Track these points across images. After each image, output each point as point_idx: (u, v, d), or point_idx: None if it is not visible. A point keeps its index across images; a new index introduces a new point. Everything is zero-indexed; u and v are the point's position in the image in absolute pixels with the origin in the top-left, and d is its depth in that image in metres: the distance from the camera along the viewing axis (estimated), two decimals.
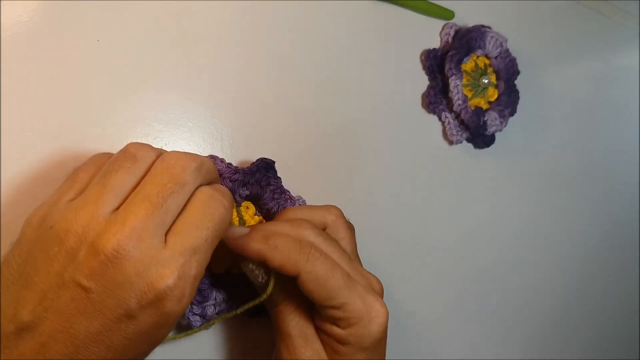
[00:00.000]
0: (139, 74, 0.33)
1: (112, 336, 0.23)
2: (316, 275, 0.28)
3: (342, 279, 0.28)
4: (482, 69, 0.45)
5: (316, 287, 0.28)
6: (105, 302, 0.23)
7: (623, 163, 0.59)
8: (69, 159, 0.31)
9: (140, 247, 0.23)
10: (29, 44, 0.30)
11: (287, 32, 0.38)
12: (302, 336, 0.30)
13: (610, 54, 0.57)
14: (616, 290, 0.59)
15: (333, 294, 0.28)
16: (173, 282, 0.23)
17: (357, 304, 0.29)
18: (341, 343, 0.29)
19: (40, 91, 0.30)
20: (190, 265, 0.24)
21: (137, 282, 0.23)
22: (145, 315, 0.23)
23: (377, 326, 0.29)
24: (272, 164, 0.34)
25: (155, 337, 0.24)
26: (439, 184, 0.45)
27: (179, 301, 0.24)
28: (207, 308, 0.32)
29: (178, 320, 0.25)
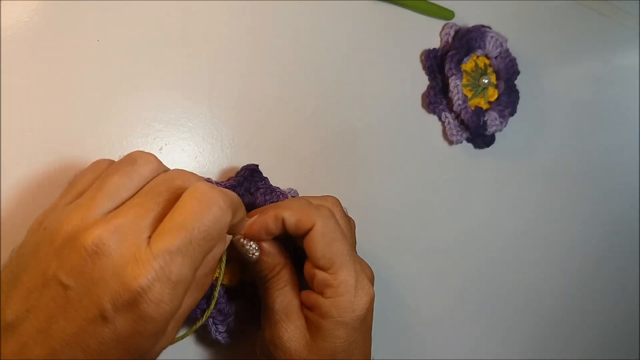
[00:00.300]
0: (139, 74, 0.33)
1: (88, 339, 0.22)
2: (327, 232, 0.29)
3: (347, 248, 0.30)
4: (482, 69, 0.45)
5: (322, 243, 0.29)
6: (82, 300, 0.22)
7: (623, 163, 0.59)
8: (69, 158, 0.31)
9: (122, 245, 0.22)
10: (29, 44, 0.30)
11: (287, 32, 0.38)
12: (285, 312, 0.31)
13: (610, 54, 0.56)
14: (616, 290, 0.59)
15: (334, 256, 0.29)
16: (147, 283, 0.21)
17: (350, 275, 0.29)
18: (323, 317, 0.29)
19: (40, 91, 0.30)
20: (170, 268, 0.22)
21: (112, 281, 0.21)
22: (120, 318, 0.21)
23: (362, 303, 0.30)
24: (257, 168, 0.34)
25: (134, 347, 0.22)
26: (439, 184, 0.45)
27: (156, 306, 0.22)
28: (231, 322, 0.33)
29: (161, 331, 0.23)
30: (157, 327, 0.22)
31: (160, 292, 0.22)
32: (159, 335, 0.23)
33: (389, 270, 0.42)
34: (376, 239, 0.42)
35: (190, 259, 0.23)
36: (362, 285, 0.30)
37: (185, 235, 0.23)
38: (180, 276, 0.22)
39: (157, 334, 0.23)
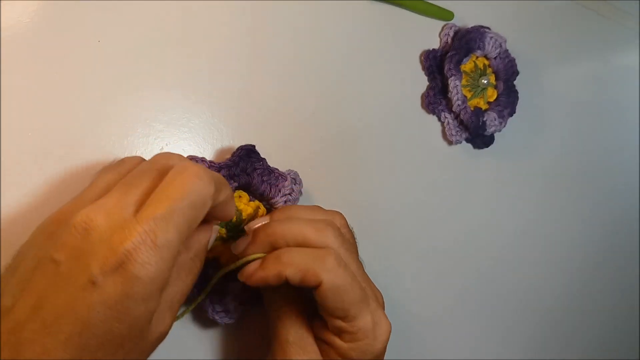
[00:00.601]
0: (140, 74, 0.33)
1: (78, 307, 0.22)
2: (336, 287, 0.27)
3: (359, 293, 0.28)
4: (481, 70, 0.45)
5: (333, 298, 0.28)
6: (71, 271, 0.22)
7: (623, 163, 0.59)
8: (68, 157, 0.31)
9: (108, 218, 0.23)
10: (29, 44, 0.30)
11: (287, 33, 0.38)
12: (300, 344, 0.30)
13: (610, 54, 0.57)
14: (616, 290, 0.59)
15: (348, 307, 0.28)
16: (132, 246, 0.22)
17: (367, 320, 0.28)
18: (341, 356, 0.29)
19: (40, 91, 0.30)
20: (155, 232, 0.23)
21: (100, 248, 0.22)
22: (109, 282, 0.22)
23: (380, 344, 0.29)
24: (253, 148, 0.34)
25: (125, 313, 0.22)
26: (439, 184, 0.45)
27: (141, 266, 0.22)
28: (229, 302, 0.33)
29: (150, 296, 0.23)
30: (145, 290, 0.22)
31: (145, 254, 0.22)
32: (149, 301, 0.23)
33: (389, 270, 0.43)
34: (376, 238, 0.42)
35: (174, 226, 0.23)
36: (380, 324, 0.29)
37: (169, 204, 0.23)
38: (165, 240, 0.23)
39: (146, 300, 0.23)
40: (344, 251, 0.29)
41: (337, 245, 0.29)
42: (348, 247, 0.30)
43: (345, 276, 0.28)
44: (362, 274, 0.30)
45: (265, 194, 0.34)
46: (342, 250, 0.29)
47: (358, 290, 0.28)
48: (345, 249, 0.30)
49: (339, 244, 0.29)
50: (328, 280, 0.27)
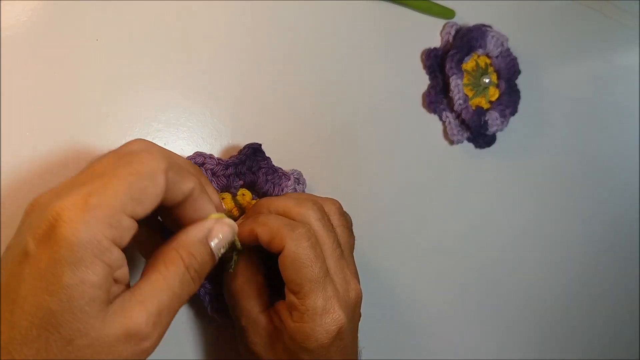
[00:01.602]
0: (138, 74, 0.33)
1: (11, 282, 0.21)
2: (296, 257, 0.27)
3: (317, 273, 0.28)
4: (483, 69, 0.45)
5: (291, 268, 0.28)
6: (10, 248, 0.22)
7: (624, 162, 0.59)
8: (68, 158, 0.31)
9: (52, 197, 0.22)
10: (28, 43, 0.30)
11: (287, 32, 0.38)
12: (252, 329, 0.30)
13: (610, 54, 0.56)
14: (616, 290, 0.59)
15: (302, 282, 0.28)
16: (62, 207, 0.20)
17: (317, 303, 0.28)
18: (290, 339, 0.28)
19: (39, 90, 0.30)
20: (88, 194, 0.21)
21: (35, 218, 0.21)
22: (39, 251, 0.20)
23: (325, 332, 0.28)
24: (260, 147, 0.34)
25: (53, 281, 0.20)
26: (440, 183, 0.45)
27: (70, 228, 0.20)
28: None
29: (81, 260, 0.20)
30: (74, 253, 0.20)
31: (73, 213, 0.20)
32: (81, 268, 0.20)
33: (388, 270, 0.42)
34: (375, 238, 0.42)
35: (112, 189, 0.21)
36: (330, 313, 0.28)
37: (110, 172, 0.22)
38: (97, 201, 0.21)
39: (77, 264, 0.20)
40: (323, 231, 0.29)
41: (315, 220, 0.29)
42: (328, 229, 0.30)
43: (309, 250, 0.27)
44: (337, 257, 0.30)
45: (269, 192, 0.34)
46: (320, 228, 0.29)
47: (317, 269, 0.28)
48: (327, 229, 0.30)
49: (317, 219, 0.29)
50: (290, 248, 0.27)
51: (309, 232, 0.28)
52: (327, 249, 0.29)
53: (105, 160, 0.24)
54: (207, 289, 0.32)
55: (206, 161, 0.32)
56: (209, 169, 0.32)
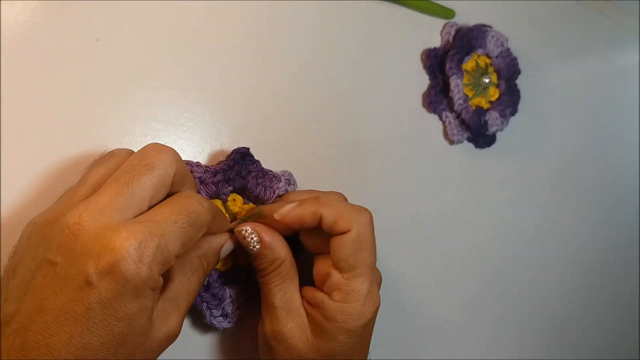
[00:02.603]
0: (138, 73, 0.33)
1: (76, 307, 0.22)
2: (360, 239, 0.29)
3: (372, 259, 0.30)
4: (483, 69, 0.45)
5: (352, 248, 0.29)
6: (68, 272, 0.23)
7: (624, 162, 0.59)
8: (68, 157, 0.31)
9: (101, 219, 0.23)
10: (28, 43, 0.30)
11: (286, 32, 0.38)
12: (286, 308, 0.31)
13: (610, 53, 0.56)
14: (618, 289, 0.59)
15: (358, 264, 0.29)
16: (130, 246, 0.22)
17: (364, 285, 0.30)
18: (327, 319, 0.30)
19: (39, 90, 0.30)
20: (152, 236, 0.23)
21: (94, 248, 0.22)
22: (104, 282, 0.22)
23: (368, 312, 0.30)
24: (248, 151, 0.34)
25: (121, 312, 0.23)
26: (440, 184, 0.45)
27: (136, 268, 0.22)
28: (226, 306, 0.33)
29: (143, 293, 0.23)
30: (138, 289, 0.23)
31: (141, 252, 0.23)
32: (142, 299, 0.23)
33: (388, 271, 0.42)
34: (375, 239, 0.42)
35: (172, 238, 0.24)
36: (372, 295, 0.30)
37: (168, 217, 0.24)
38: (161, 246, 0.23)
39: (139, 296, 0.23)
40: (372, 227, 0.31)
41: (371, 221, 0.31)
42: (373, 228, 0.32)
43: (372, 237, 0.30)
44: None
45: (260, 196, 0.34)
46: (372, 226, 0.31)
47: (373, 256, 0.30)
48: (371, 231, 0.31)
49: (371, 221, 0.31)
50: (357, 230, 0.29)
51: (372, 219, 0.31)
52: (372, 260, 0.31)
53: (137, 171, 0.25)
54: (204, 297, 0.32)
55: (193, 170, 0.32)
56: (197, 177, 0.32)
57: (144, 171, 0.25)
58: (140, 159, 0.25)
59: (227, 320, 0.33)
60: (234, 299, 0.33)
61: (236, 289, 0.33)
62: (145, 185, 0.25)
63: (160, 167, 0.25)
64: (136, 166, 0.25)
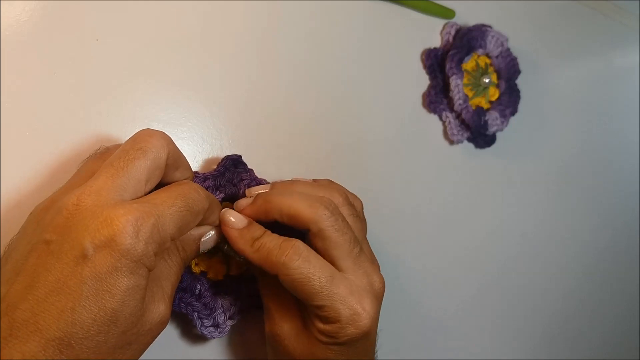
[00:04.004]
0: (138, 73, 0.33)
1: (69, 281, 0.22)
2: (292, 279, 0.28)
3: (319, 284, 0.28)
4: (483, 69, 0.45)
5: (293, 289, 0.29)
6: (62, 247, 0.22)
7: (624, 162, 0.59)
8: (68, 157, 0.31)
9: (98, 199, 0.23)
10: (28, 43, 0.30)
11: (286, 32, 0.38)
12: (281, 310, 0.31)
13: (611, 53, 0.56)
14: (618, 290, 0.59)
15: (310, 297, 0.28)
16: (127, 221, 0.22)
17: (337, 307, 0.28)
18: (319, 332, 0.29)
19: (39, 90, 0.30)
20: (150, 215, 0.23)
21: (91, 223, 0.22)
22: (99, 255, 0.22)
23: (355, 329, 0.29)
24: (240, 159, 0.34)
25: (115, 288, 0.22)
26: (440, 183, 0.45)
27: (133, 242, 0.22)
28: (218, 317, 0.32)
29: (136, 269, 0.23)
30: (133, 264, 0.23)
31: (138, 229, 0.23)
32: (136, 276, 0.23)
33: (387, 271, 0.42)
34: (374, 238, 0.42)
35: (169, 221, 0.25)
36: (354, 310, 0.29)
37: (165, 201, 0.25)
38: (158, 226, 0.24)
39: (133, 273, 0.23)
40: (337, 234, 0.29)
41: (329, 225, 0.29)
42: (342, 231, 0.30)
43: (303, 268, 0.28)
44: (355, 258, 0.30)
45: None
46: (334, 232, 0.29)
47: (318, 282, 0.28)
48: (341, 232, 0.30)
49: (330, 223, 0.29)
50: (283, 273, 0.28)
51: (297, 249, 0.28)
52: (344, 250, 0.30)
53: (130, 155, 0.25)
54: (195, 306, 0.32)
55: None
56: None
57: (137, 155, 0.25)
58: (133, 143, 0.26)
59: (217, 331, 0.32)
60: (225, 309, 0.33)
61: (228, 299, 0.33)
62: (140, 168, 0.25)
63: (153, 150, 0.25)
64: (129, 151, 0.25)
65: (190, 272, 0.32)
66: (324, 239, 0.29)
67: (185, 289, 0.31)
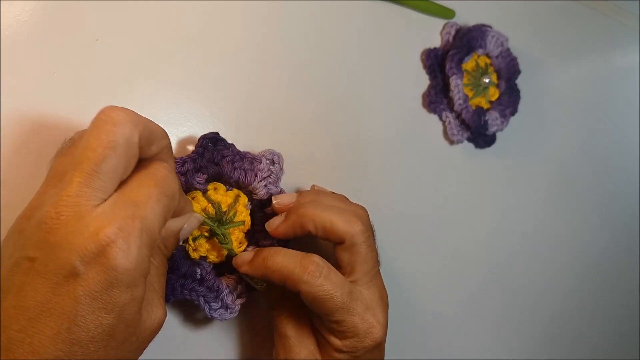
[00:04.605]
0: (139, 74, 0.33)
1: (61, 301, 0.21)
2: (314, 296, 0.29)
3: (341, 300, 0.29)
4: (483, 69, 0.45)
5: (314, 305, 0.29)
6: (48, 266, 0.22)
7: (624, 162, 0.59)
8: None
9: (78, 210, 0.22)
10: (28, 43, 0.30)
11: (286, 32, 0.38)
12: (298, 338, 0.32)
13: (611, 53, 0.56)
14: (618, 290, 0.59)
15: (331, 312, 0.29)
16: (113, 232, 0.21)
17: (355, 322, 0.30)
18: (336, 350, 0.30)
19: (39, 90, 0.30)
20: (133, 218, 0.22)
21: (77, 240, 0.21)
22: (91, 272, 0.21)
23: (371, 341, 0.30)
24: (218, 135, 0.32)
25: (112, 303, 0.22)
26: (440, 183, 0.45)
27: (124, 254, 0.22)
28: (225, 297, 0.32)
29: (135, 283, 0.22)
30: (129, 277, 0.22)
31: (127, 241, 0.22)
32: (134, 288, 0.23)
33: (388, 270, 0.42)
34: (375, 238, 0.42)
35: (151, 213, 0.23)
36: (370, 324, 0.30)
37: (141, 192, 0.24)
38: (144, 226, 0.23)
39: (131, 287, 0.22)
40: (367, 251, 0.31)
41: (362, 241, 0.31)
42: (371, 248, 0.32)
43: (324, 285, 0.29)
44: (373, 276, 0.32)
45: (241, 180, 0.32)
46: (365, 249, 0.31)
47: (338, 299, 0.29)
48: (371, 248, 0.31)
49: (363, 239, 0.31)
50: (304, 290, 0.29)
51: (318, 266, 0.29)
52: (369, 266, 0.31)
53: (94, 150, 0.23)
54: (199, 291, 0.31)
55: None
56: None
57: (107, 153, 0.23)
58: (98, 138, 0.23)
59: (228, 312, 0.32)
60: (232, 289, 0.32)
61: (233, 279, 0.32)
62: (113, 167, 0.23)
63: (122, 143, 0.23)
64: (97, 148, 0.23)
65: (188, 258, 0.32)
66: (354, 253, 0.31)
67: (185, 274, 0.31)
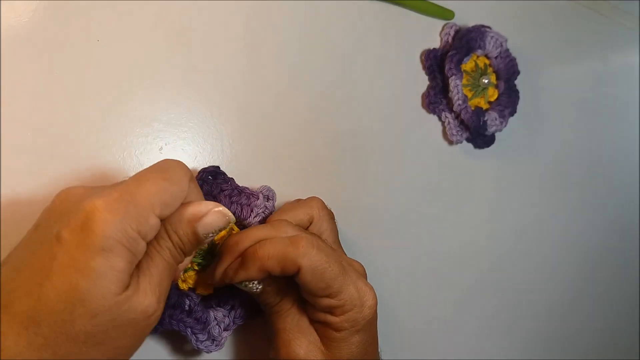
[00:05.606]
0: (140, 74, 0.33)
1: (45, 260, 0.22)
2: (315, 268, 0.29)
3: (337, 268, 0.30)
4: (482, 69, 0.45)
5: (314, 278, 0.29)
6: (44, 231, 0.24)
7: (624, 162, 0.59)
8: (68, 158, 0.31)
9: (93, 193, 0.24)
10: (29, 44, 0.30)
11: (286, 32, 0.38)
12: (298, 329, 0.32)
13: (610, 54, 0.56)
14: (617, 290, 0.59)
15: (330, 283, 0.29)
16: (100, 203, 0.23)
17: (351, 291, 0.30)
18: (336, 330, 0.31)
19: (40, 91, 0.30)
20: (125, 193, 0.23)
21: (69, 211, 0.23)
22: (73, 236, 0.22)
23: (368, 309, 0.31)
24: (218, 169, 0.33)
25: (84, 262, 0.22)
26: (439, 183, 0.45)
27: (104, 219, 0.22)
28: (212, 330, 0.32)
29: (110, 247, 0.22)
30: (106, 240, 0.22)
31: (108, 208, 0.23)
32: (111, 257, 0.23)
33: (387, 271, 0.42)
34: (375, 239, 0.42)
35: (147, 191, 0.24)
36: (364, 292, 0.31)
37: (142, 173, 0.25)
38: (131, 198, 0.23)
39: (107, 252, 0.22)
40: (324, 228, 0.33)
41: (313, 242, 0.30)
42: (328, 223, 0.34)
43: (321, 257, 0.29)
44: (337, 248, 0.34)
45: (237, 214, 0.33)
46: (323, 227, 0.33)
47: (336, 266, 0.30)
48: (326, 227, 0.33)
49: (313, 242, 0.30)
50: (305, 265, 0.29)
51: (308, 239, 0.29)
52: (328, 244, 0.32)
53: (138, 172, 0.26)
54: (187, 322, 0.31)
55: None
56: None
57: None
58: None
59: (214, 344, 0.32)
60: (219, 321, 0.32)
61: (221, 311, 0.33)
62: None
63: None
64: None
65: (177, 289, 0.32)
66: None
67: (174, 305, 0.31)
